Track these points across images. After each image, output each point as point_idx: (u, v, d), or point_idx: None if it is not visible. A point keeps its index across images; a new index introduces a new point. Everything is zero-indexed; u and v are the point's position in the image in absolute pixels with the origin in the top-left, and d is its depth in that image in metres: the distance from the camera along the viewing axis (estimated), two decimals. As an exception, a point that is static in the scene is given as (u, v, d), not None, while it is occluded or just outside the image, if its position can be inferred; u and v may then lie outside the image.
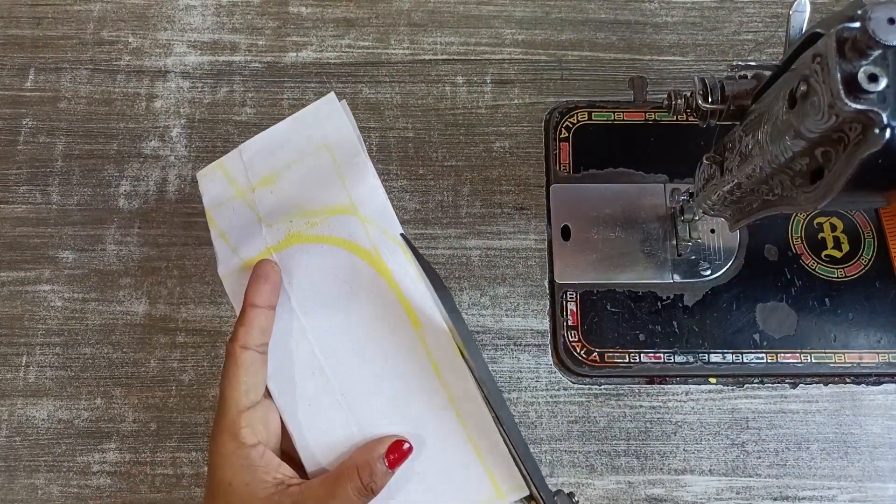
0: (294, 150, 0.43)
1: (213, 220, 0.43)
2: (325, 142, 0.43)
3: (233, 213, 0.43)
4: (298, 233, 0.41)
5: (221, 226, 0.43)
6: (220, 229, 0.43)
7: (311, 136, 0.43)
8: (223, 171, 0.44)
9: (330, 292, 0.40)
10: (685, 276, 0.52)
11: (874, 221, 0.53)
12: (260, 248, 0.41)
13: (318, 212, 0.41)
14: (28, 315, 0.53)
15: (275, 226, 0.41)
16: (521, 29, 0.59)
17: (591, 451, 0.49)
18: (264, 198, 0.43)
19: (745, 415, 0.50)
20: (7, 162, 0.56)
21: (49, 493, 0.49)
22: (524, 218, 0.54)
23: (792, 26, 0.35)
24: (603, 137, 0.55)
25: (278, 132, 0.44)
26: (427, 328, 0.40)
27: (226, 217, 0.43)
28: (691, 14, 0.59)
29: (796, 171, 0.33)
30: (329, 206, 0.41)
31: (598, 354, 0.50)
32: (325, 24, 0.59)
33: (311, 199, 0.42)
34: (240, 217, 0.43)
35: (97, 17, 0.60)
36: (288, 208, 0.42)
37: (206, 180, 0.44)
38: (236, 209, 0.43)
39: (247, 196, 0.43)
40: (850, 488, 0.48)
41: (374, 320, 0.40)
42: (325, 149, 0.43)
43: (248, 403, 0.37)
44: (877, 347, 0.50)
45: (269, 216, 0.42)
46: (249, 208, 0.43)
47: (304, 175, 0.42)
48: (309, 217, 0.41)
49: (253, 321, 0.38)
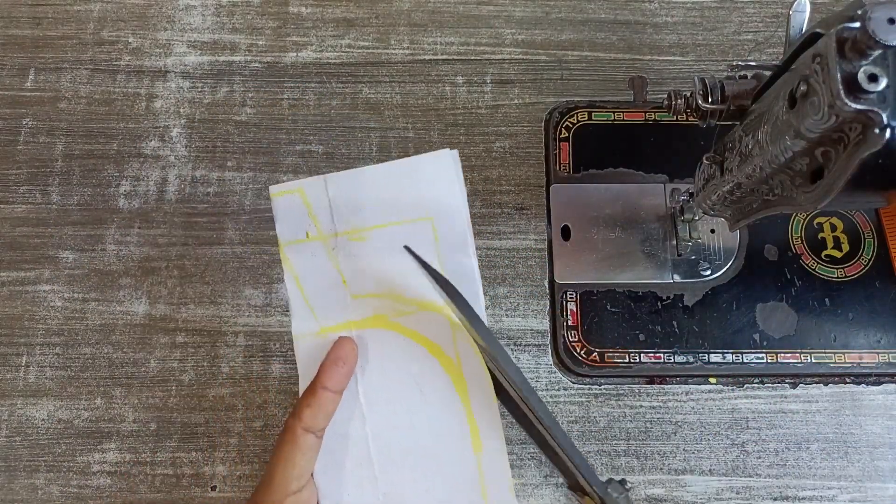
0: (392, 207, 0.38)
1: (287, 260, 0.39)
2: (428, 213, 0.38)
3: (313, 260, 0.39)
4: (385, 316, 0.38)
5: (298, 272, 0.39)
6: (296, 276, 0.39)
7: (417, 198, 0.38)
8: (302, 197, 0.39)
9: (400, 389, 0.38)
10: (685, 276, 0.52)
11: (874, 221, 0.53)
12: (341, 318, 0.38)
13: (410, 301, 0.38)
14: (28, 315, 0.53)
15: (361, 299, 0.38)
16: (521, 29, 0.59)
17: (591, 451, 0.49)
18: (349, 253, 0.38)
19: (745, 415, 0.50)
20: (7, 162, 0.56)
21: (49, 493, 0.49)
22: (524, 218, 0.54)
23: (792, 26, 0.35)
24: (603, 137, 0.55)
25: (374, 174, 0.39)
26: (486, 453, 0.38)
27: (304, 262, 0.39)
28: (691, 14, 0.59)
29: (796, 171, 0.33)
30: (422, 300, 0.38)
31: (598, 354, 0.50)
32: (325, 24, 0.59)
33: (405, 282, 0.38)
34: (320, 270, 0.39)
35: (97, 17, 0.60)
36: (377, 280, 0.38)
37: (280, 201, 0.39)
38: (317, 255, 0.39)
39: (328, 242, 0.39)
40: (850, 488, 0.48)
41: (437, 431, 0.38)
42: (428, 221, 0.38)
43: (296, 488, 0.36)
44: (877, 347, 0.50)
45: (355, 282, 0.38)
46: (331, 261, 0.39)
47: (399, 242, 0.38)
48: (399, 305, 0.38)
49: (322, 404, 0.36)
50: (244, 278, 0.53)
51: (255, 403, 0.51)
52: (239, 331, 0.52)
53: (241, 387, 0.51)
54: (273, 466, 0.36)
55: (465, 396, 0.38)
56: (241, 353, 0.52)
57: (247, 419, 0.50)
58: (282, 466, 0.36)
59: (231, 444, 0.50)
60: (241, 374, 0.51)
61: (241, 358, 0.52)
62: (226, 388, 0.51)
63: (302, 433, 0.36)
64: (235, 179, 0.55)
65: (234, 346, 0.52)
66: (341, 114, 0.57)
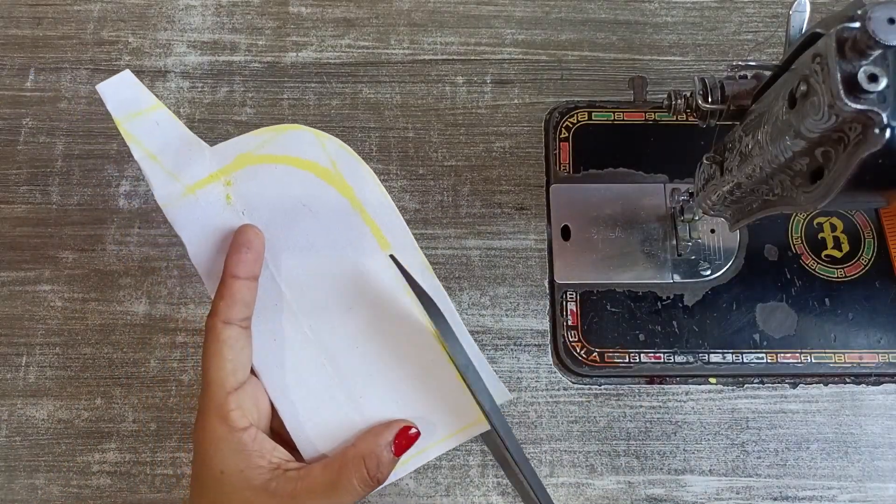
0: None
1: (131, 136, 0.37)
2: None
3: (157, 128, 0.37)
4: (249, 153, 0.36)
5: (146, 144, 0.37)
6: (146, 148, 0.37)
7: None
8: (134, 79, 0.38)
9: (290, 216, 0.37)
10: (685, 276, 0.52)
11: (874, 221, 0.53)
12: (206, 172, 0.37)
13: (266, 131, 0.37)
14: (28, 315, 0.53)
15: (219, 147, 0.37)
16: (521, 29, 0.59)
17: (591, 451, 0.49)
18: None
19: (745, 415, 0.50)
20: (7, 162, 0.56)
21: (49, 493, 0.49)
22: (524, 218, 0.54)
23: (792, 26, 0.35)
24: (603, 137, 0.55)
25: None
26: (396, 248, 0.37)
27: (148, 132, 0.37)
28: (691, 14, 0.59)
29: (796, 171, 0.33)
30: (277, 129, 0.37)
31: (598, 354, 0.50)
32: (325, 24, 0.59)
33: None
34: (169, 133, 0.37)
35: (97, 17, 0.60)
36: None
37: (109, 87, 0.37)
38: (161, 122, 0.37)
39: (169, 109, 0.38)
40: (850, 488, 0.48)
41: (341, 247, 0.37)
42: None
43: (235, 384, 0.34)
44: (877, 347, 0.50)
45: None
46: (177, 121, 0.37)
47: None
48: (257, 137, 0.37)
49: (235, 294, 0.35)
50: (244, 278, 0.53)
51: (255, 403, 0.51)
52: (239, 331, 0.52)
53: (241, 387, 0.51)
54: (205, 368, 0.34)
55: (354, 201, 0.37)
56: (241, 353, 0.52)
57: (247, 419, 0.50)
58: (211, 365, 0.34)
59: (231, 444, 0.50)
60: (241, 374, 0.51)
61: (241, 358, 0.52)
62: (226, 388, 0.51)
63: (223, 326, 0.34)
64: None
65: (234, 346, 0.52)
66: (341, 114, 0.57)
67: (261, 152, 0.37)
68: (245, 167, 0.37)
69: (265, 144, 0.37)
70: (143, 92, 0.38)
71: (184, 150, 0.37)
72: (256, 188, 0.37)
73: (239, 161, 0.37)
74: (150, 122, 0.37)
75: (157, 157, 0.37)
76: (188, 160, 0.37)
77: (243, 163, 0.37)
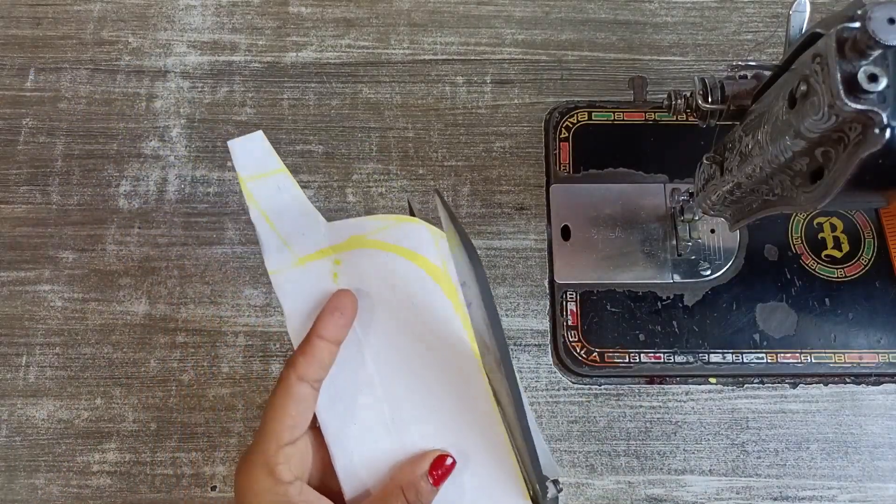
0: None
1: (251, 195, 0.37)
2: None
3: (279, 193, 0.37)
4: (363, 236, 0.36)
5: (265, 205, 0.37)
6: (263, 210, 0.37)
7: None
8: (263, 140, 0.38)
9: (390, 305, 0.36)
10: (685, 276, 0.52)
11: (874, 221, 0.53)
12: (318, 246, 0.37)
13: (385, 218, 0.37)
14: (28, 315, 0.53)
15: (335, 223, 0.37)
16: (521, 29, 0.59)
17: (591, 451, 0.49)
18: None
19: (745, 415, 0.50)
20: (7, 162, 0.56)
21: (49, 493, 0.49)
22: (524, 218, 0.54)
23: (792, 26, 0.35)
24: (603, 137, 0.55)
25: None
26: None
27: (270, 195, 0.37)
28: (691, 14, 0.59)
29: (796, 171, 0.33)
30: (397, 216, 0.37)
31: (598, 354, 0.50)
32: (325, 24, 0.59)
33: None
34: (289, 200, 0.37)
35: (97, 17, 0.60)
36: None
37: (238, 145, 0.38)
38: (282, 187, 0.37)
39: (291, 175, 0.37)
40: (850, 488, 0.48)
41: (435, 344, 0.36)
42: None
43: (290, 439, 0.34)
44: (877, 347, 0.50)
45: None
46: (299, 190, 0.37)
47: None
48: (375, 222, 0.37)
49: (317, 353, 0.35)
50: (244, 278, 0.53)
51: (255, 403, 0.51)
52: (239, 331, 0.52)
53: (241, 387, 0.51)
54: (267, 417, 0.34)
55: (456, 302, 0.36)
56: (241, 353, 0.52)
57: (247, 419, 0.50)
58: (273, 416, 0.34)
59: (231, 444, 0.50)
60: (241, 374, 0.51)
61: (241, 358, 0.52)
62: (226, 388, 0.51)
63: (296, 382, 0.34)
64: (235, 179, 0.55)
65: (234, 346, 0.52)
66: (341, 114, 0.57)
67: (374, 237, 0.36)
68: (356, 249, 0.37)
69: (380, 231, 0.36)
70: (271, 154, 0.38)
71: (300, 220, 0.37)
72: (363, 271, 0.36)
73: (351, 242, 0.37)
74: (272, 185, 0.37)
75: (273, 223, 0.37)
76: (303, 231, 0.37)
77: (355, 244, 0.37)
